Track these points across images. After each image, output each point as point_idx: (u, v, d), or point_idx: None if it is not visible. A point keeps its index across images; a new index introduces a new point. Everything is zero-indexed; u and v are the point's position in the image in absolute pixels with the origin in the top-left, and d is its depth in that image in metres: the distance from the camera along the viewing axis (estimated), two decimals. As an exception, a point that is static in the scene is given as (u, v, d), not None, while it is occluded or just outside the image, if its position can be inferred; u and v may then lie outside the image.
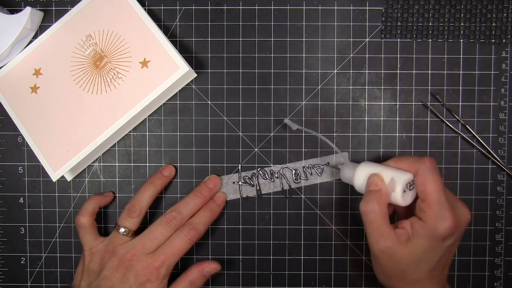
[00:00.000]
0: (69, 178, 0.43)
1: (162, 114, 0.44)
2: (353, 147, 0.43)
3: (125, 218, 0.40)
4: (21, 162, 0.44)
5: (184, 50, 0.43)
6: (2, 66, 0.43)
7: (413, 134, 0.43)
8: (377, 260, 0.37)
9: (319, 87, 0.43)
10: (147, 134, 0.44)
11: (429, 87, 0.43)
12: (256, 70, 0.43)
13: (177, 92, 0.43)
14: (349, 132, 0.43)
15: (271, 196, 0.44)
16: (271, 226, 0.44)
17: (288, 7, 0.43)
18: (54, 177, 0.41)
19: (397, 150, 0.43)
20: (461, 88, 0.43)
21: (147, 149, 0.44)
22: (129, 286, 0.37)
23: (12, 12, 0.43)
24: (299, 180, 0.43)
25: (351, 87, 0.43)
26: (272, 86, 0.43)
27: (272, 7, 0.43)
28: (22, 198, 0.44)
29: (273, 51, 0.43)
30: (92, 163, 0.44)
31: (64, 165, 0.41)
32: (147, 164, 0.44)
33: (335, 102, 0.43)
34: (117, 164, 0.44)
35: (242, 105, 0.43)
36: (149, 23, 0.40)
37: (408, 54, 0.43)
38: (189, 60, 0.43)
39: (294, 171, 0.43)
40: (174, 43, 0.43)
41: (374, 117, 0.43)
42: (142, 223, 0.41)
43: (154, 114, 0.44)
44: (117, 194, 0.44)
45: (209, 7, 0.43)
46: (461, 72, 0.43)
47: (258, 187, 0.43)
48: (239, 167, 0.43)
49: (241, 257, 0.44)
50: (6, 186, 0.44)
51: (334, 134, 0.43)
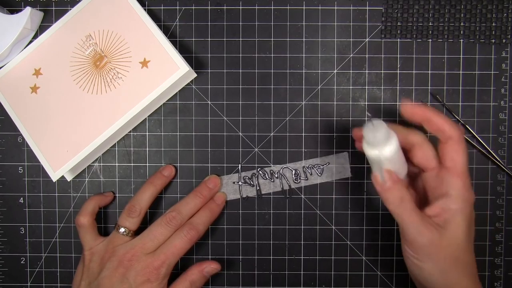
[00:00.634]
0: (69, 178, 0.43)
1: (162, 114, 0.44)
2: (353, 147, 0.43)
3: (125, 218, 0.40)
4: (21, 162, 0.44)
5: (184, 50, 0.43)
6: (2, 66, 0.43)
7: (413, 134, 0.43)
8: (423, 258, 0.34)
9: (319, 87, 0.43)
10: (147, 134, 0.44)
11: (429, 87, 0.43)
12: (256, 70, 0.43)
13: (177, 92, 0.43)
14: (349, 132, 0.43)
15: (271, 196, 0.44)
16: (271, 226, 0.44)
17: (288, 7, 0.43)
18: (54, 177, 0.41)
19: (397, 150, 0.43)
20: (461, 88, 0.43)
21: (147, 149, 0.44)
22: (128, 286, 0.37)
23: (12, 12, 0.43)
24: (299, 180, 0.43)
25: (351, 87, 0.43)
26: (272, 86, 0.43)
27: (272, 7, 0.43)
28: (22, 198, 0.44)
29: (273, 51, 0.43)
30: (92, 163, 0.44)
31: (64, 165, 0.41)
32: (147, 164, 0.44)
33: (335, 102, 0.43)
34: (117, 164, 0.44)
35: (242, 105, 0.43)
36: (149, 23, 0.40)
37: (408, 54, 0.43)
38: (189, 60, 0.43)
39: (294, 171, 0.43)
40: (174, 43, 0.43)
41: (374, 117, 0.43)
42: (142, 223, 0.41)
43: (154, 114, 0.44)
44: (117, 194, 0.44)
45: (209, 7, 0.43)
46: (461, 72, 0.43)
47: (258, 187, 0.43)
48: (239, 167, 0.43)
49: (241, 257, 0.44)
50: (6, 186, 0.44)
51: (334, 135, 0.43)
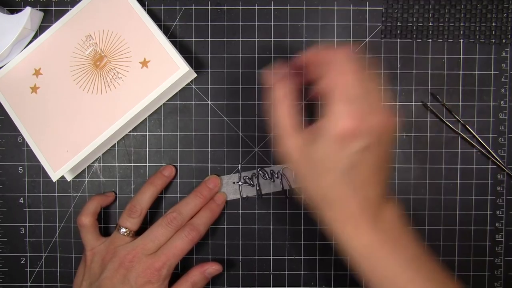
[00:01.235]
0: (69, 178, 0.43)
1: (162, 114, 0.44)
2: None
3: (125, 218, 0.40)
4: (21, 162, 0.44)
5: (184, 50, 0.43)
6: (2, 66, 0.43)
7: (413, 134, 0.43)
8: (291, 165, 0.34)
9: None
10: (147, 134, 0.44)
11: (429, 87, 0.43)
12: (256, 70, 0.43)
13: (177, 92, 0.43)
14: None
15: (271, 196, 0.44)
16: (271, 226, 0.44)
17: (288, 7, 0.43)
18: (54, 177, 0.41)
19: (397, 150, 0.43)
20: (461, 88, 0.43)
21: (147, 149, 0.44)
22: (129, 287, 0.37)
23: (12, 12, 0.43)
24: None
25: (351, 87, 0.43)
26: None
27: (272, 7, 0.43)
28: (22, 198, 0.44)
29: (273, 51, 0.43)
30: (92, 163, 0.44)
31: (64, 165, 0.41)
32: (147, 164, 0.44)
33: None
34: (117, 164, 0.44)
35: (242, 105, 0.43)
36: (149, 23, 0.40)
37: (408, 54, 0.43)
38: (189, 60, 0.43)
39: (294, 171, 0.43)
40: (174, 43, 0.43)
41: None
42: (143, 223, 0.41)
43: (154, 114, 0.44)
44: (117, 194, 0.44)
45: (209, 7, 0.43)
46: (461, 72, 0.43)
47: (258, 187, 0.43)
48: (239, 167, 0.43)
49: (241, 257, 0.44)
50: (6, 186, 0.44)
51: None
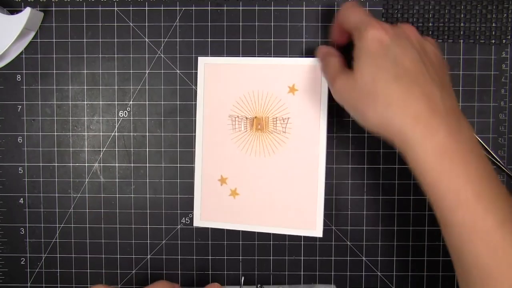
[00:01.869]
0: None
1: (162, 114, 0.44)
2: (353, 147, 0.43)
3: None
4: (21, 163, 0.44)
5: (184, 50, 0.43)
6: (2, 66, 0.43)
7: (413, 135, 0.43)
8: (345, 105, 0.36)
9: (319, 88, 0.43)
10: (147, 134, 0.44)
11: (429, 88, 0.43)
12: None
13: (177, 92, 0.43)
14: (349, 132, 0.43)
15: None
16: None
17: (288, 8, 0.43)
18: (197, 222, 0.44)
19: (397, 151, 0.43)
20: (461, 88, 0.43)
21: (147, 149, 0.44)
22: None
23: (12, 12, 0.43)
24: None
25: (351, 88, 0.43)
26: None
27: (272, 8, 0.43)
28: (22, 199, 0.44)
29: (273, 51, 0.43)
30: (91, 164, 0.44)
31: (210, 221, 0.44)
32: (147, 164, 0.44)
33: (335, 102, 0.43)
34: (117, 164, 0.44)
35: (242, 105, 0.43)
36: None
37: (408, 54, 0.43)
38: (189, 60, 0.43)
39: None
40: (174, 44, 0.43)
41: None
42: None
43: (154, 115, 0.44)
44: (117, 195, 0.44)
45: (209, 8, 0.43)
46: (461, 72, 0.43)
47: None
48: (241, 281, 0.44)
49: (241, 257, 0.44)
50: (6, 186, 0.44)
51: (334, 135, 0.43)
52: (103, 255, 0.44)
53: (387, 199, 0.43)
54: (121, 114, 0.44)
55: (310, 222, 0.43)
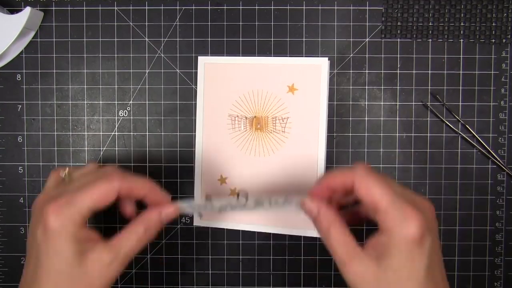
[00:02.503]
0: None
1: (162, 114, 0.44)
2: (353, 147, 0.43)
3: None
4: (21, 162, 0.44)
5: (184, 50, 0.43)
6: (2, 66, 0.43)
7: (413, 134, 0.43)
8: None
9: (319, 87, 0.43)
10: (147, 134, 0.44)
11: (429, 87, 0.43)
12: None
13: (177, 91, 0.43)
14: (349, 132, 0.43)
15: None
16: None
17: (288, 7, 0.43)
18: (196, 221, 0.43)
19: (397, 150, 0.43)
20: (461, 88, 0.43)
21: (147, 149, 0.44)
22: None
23: (12, 12, 0.43)
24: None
25: (351, 87, 0.43)
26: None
27: (272, 7, 0.43)
28: (22, 198, 0.44)
29: (273, 51, 0.43)
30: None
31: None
32: (147, 164, 0.44)
33: (335, 102, 0.43)
34: (117, 164, 0.44)
35: (242, 105, 0.43)
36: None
37: (408, 54, 0.43)
38: (189, 60, 0.43)
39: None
40: (174, 43, 0.43)
41: (374, 117, 0.43)
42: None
43: (154, 114, 0.44)
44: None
45: (209, 7, 0.43)
46: (461, 72, 0.43)
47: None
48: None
49: (241, 257, 0.44)
50: (6, 186, 0.44)
51: (334, 134, 0.43)
52: (103, 255, 0.44)
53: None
54: (121, 114, 0.44)
55: (310, 222, 0.43)
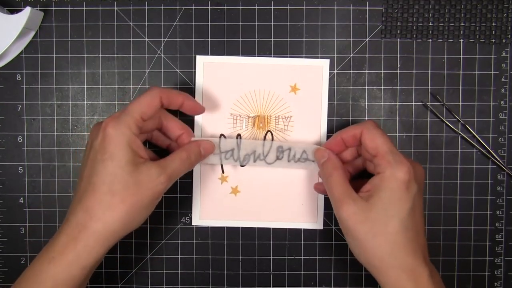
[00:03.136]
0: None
1: (162, 114, 0.44)
2: (353, 147, 0.43)
3: None
4: (21, 162, 0.44)
5: (184, 50, 0.43)
6: (2, 66, 0.43)
7: (413, 134, 0.43)
8: (348, 232, 0.35)
9: (319, 87, 0.43)
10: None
11: (429, 87, 0.43)
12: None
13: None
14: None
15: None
16: (271, 226, 0.44)
17: (288, 7, 0.43)
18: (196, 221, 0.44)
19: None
20: (461, 88, 0.43)
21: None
22: None
23: (12, 12, 0.43)
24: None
25: (351, 87, 0.43)
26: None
27: (272, 7, 0.43)
28: (22, 198, 0.44)
29: (273, 51, 0.43)
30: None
31: (209, 220, 0.44)
32: (147, 164, 0.44)
33: (335, 102, 0.43)
34: (117, 164, 0.44)
35: (242, 105, 0.43)
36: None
37: (408, 54, 0.43)
38: (189, 59, 0.43)
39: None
40: (174, 43, 0.43)
41: (374, 117, 0.43)
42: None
43: (154, 114, 0.44)
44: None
45: (209, 7, 0.43)
46: (461, 72, 0.43)
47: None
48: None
49: (241, 257, 0.44)
50: (6, 186, 0.44)
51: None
52: (103, 255, 0.44)
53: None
54: (121, 114, 0.44)
55: (311, 216, 0.43)
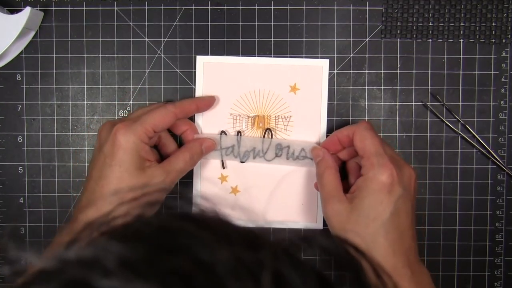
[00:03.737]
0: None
1: (162, 114, 0.44)
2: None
3: None
4: (21, 162, 0.44)
5: (184, 50, 0.43)
6: (2, 66, 0.43)
7: (413, 134, 0.43)
8: (332, 230, 0.36)
9: (319, 87, 0.43)
10: (147, 134, 0.44)
11: (429, 87, 0.43)
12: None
13: (177, 91, 0.43)
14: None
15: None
16: (271, 227, 0.44)
17: (288, 7, 0.43)
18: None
19: (397, 150, 0.43)
20: (461, 88, 0.43)
21: (147, 149, 0.44)
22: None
23: (12, 12, 0.43)
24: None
25: (351, 87, 0.43)
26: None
27: (272, 7, 0.43)
28: (22, 198, 0.44)
29: (273, 51, 0.43)
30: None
31: None
32: (147, 164, 0.44)
33: (335, 102, 0.43)
34: (117, 164, 0.44)
35: (242, 105, 0.43)
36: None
37: (408, 54, 0.43)
38: (189, 60, 0.43)
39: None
40: (174, 43, 0.43)
41: (374, 117, 0.43)
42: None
43: (154, 114, 0.44)
44: (117, 194, 0.44)
45: (209, 7, 0.43)
46: (461, 72, 0.43)
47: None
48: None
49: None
50: (6, 186, 0.44)
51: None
52: (103, 255, 0.44)
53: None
54: (121, 114, 0.44)
55: (311, 215, 0.43)
